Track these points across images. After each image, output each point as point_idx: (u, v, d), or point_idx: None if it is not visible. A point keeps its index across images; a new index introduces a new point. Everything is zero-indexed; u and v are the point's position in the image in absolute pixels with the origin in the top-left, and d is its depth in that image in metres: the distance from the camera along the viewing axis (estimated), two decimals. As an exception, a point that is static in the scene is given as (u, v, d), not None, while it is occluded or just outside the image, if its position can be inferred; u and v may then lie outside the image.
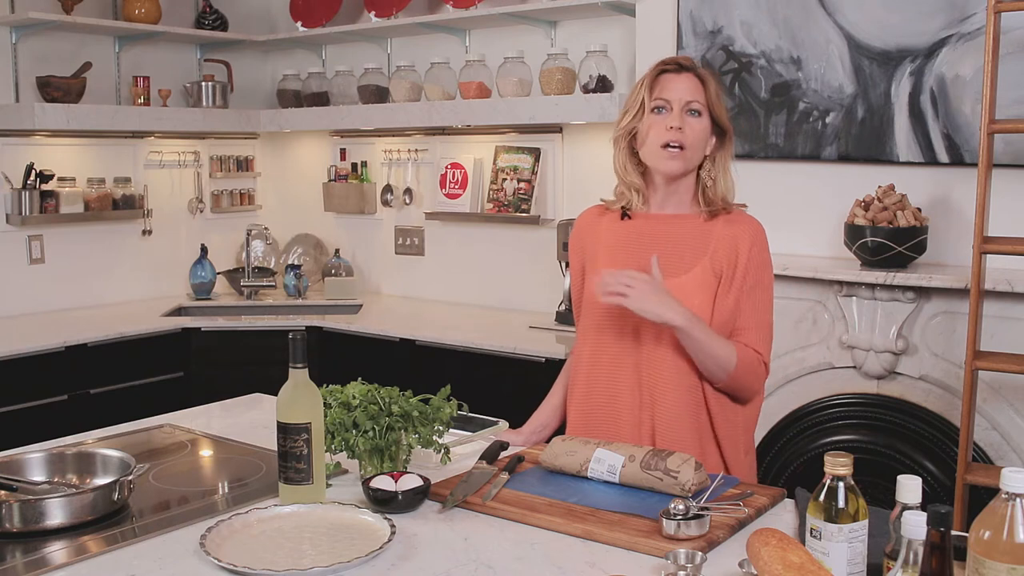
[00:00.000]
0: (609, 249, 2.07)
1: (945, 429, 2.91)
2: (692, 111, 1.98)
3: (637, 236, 2.05)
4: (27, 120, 3.87)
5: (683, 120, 1.97)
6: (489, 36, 4.16)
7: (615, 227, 2.09)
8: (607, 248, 2.07)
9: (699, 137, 1.99)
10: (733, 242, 1.99)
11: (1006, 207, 2.80)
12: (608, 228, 2.10)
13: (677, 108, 1.98)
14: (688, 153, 1.98)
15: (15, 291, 4.08)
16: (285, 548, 1.54)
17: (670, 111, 1.98)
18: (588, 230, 2.14)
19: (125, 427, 2.32)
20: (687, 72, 2.01)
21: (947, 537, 1.15)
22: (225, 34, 4.65)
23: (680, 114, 1.97)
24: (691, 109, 1.98)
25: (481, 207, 4.22)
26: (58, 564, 1.52)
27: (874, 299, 2.97)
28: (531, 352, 3.43)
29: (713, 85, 2.01)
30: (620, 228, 2.08)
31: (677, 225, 2.03)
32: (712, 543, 1.54)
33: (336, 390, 1.90)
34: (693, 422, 1.96)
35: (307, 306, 4.47)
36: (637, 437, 1.98)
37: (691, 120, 1.98)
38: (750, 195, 2.10)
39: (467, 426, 2.20)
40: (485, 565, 1.50)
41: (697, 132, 1.98)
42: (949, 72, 2.95)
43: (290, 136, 4.96)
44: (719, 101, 2.01)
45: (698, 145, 1.99)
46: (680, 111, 1.98)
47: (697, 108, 1.98)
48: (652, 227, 2.05)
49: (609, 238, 2.08)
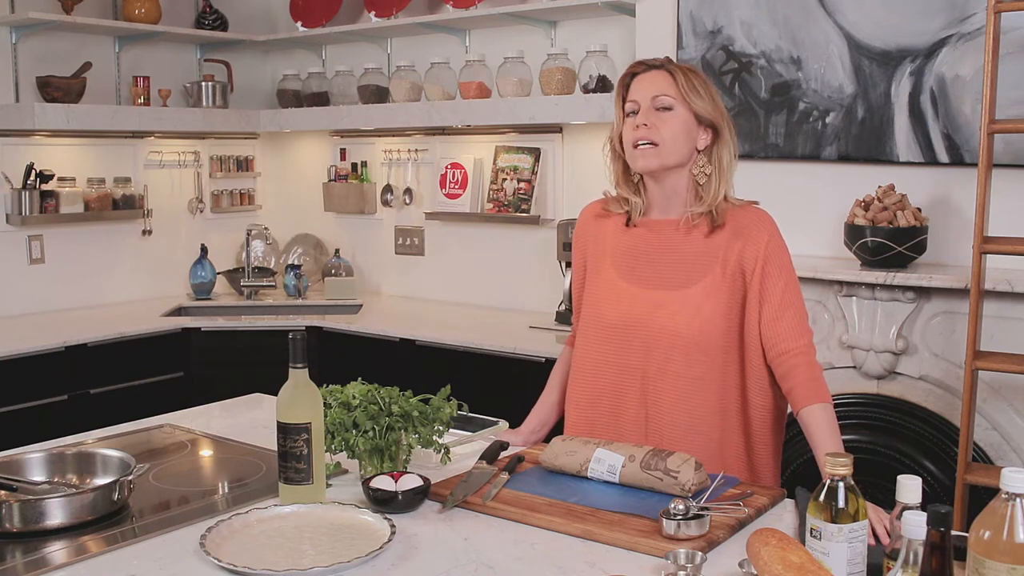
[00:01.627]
0: (615, 257, 2.03)
1: (945, 429, 2.91)
2: (662, 107, 1.93)
3: (645, 246, 2.00)
4: (27, 120, 3.87)
5: (651, 116, 1.93)
6: (489, 36, 4.16)
7: (621, 234, 2.04)
8: (613, 256, 2.03)
9: (674, 131, 1.93)
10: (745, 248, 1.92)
11: (1006, 207, 2.80)
12: (614, 234, 2.05)
13: (644, 106, 1.94)
14: (662, 149, 1.92)
15: (15, 291, 4.08)
16: (285, 548, 1.54)
17: (639, 111, 1.95)
18: (592, 230, 2.10)
19: (125, 427, 2.32)
20: (655, 69, 1.97)
21: (947, 537, 1.15)
22: (225, 34, 4.65)
23: (647, 111, 1.94)
24: (660, 105, 1.93)
25: (481, 207, 4.22)
26: (58, 564, 1.52)
27: (874, 299, 2.97)
28: (531, 352, 3.43)
29: (685, 77, 1.94)
30: (626, 236, 2.03)
31: (684, 236, 1.97)
32: (712, 543, 1.54)
33: (336, 390, 1.89)
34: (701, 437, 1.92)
35: (307, 306, 4.47)
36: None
37: (662, 115, 1.93)
38: (750, 195, 2.08)
39: (467, 426, 2.20)
40: (485, 565, 1.50)
41: (671, 126, 1.93)
42: (949, 72, 2.95)
43: (290, 136, 4.96)
44: (695, 91, 1.94)
45: (674, 139, 1.93)
46: (647, 108, 1.94)
47: (667, 103, 1.93)
48: (659, 237, 1.99)
49: (615, 245, 2.04)
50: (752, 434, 1.96)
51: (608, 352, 1.99)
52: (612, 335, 1.99)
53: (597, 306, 2.02)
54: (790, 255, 1.98)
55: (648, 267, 1.98)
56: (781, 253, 1.95)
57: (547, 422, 2.19)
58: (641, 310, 1.95)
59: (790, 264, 1.96)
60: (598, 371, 2.01)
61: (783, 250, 1.96)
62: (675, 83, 1.94)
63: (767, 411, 1.97)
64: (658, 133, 1.92)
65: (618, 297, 1.99)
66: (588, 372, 2.03)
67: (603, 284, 2.03)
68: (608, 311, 2.00)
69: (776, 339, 1.90)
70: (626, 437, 1.96)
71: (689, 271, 1.95)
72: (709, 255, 1.95)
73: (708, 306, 1.92)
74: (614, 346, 1.98)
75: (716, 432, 1.93)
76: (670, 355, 1.92)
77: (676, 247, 1.97)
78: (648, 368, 1.94)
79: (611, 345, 1.99)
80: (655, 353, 1.94)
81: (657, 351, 1.93)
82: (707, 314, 1.91)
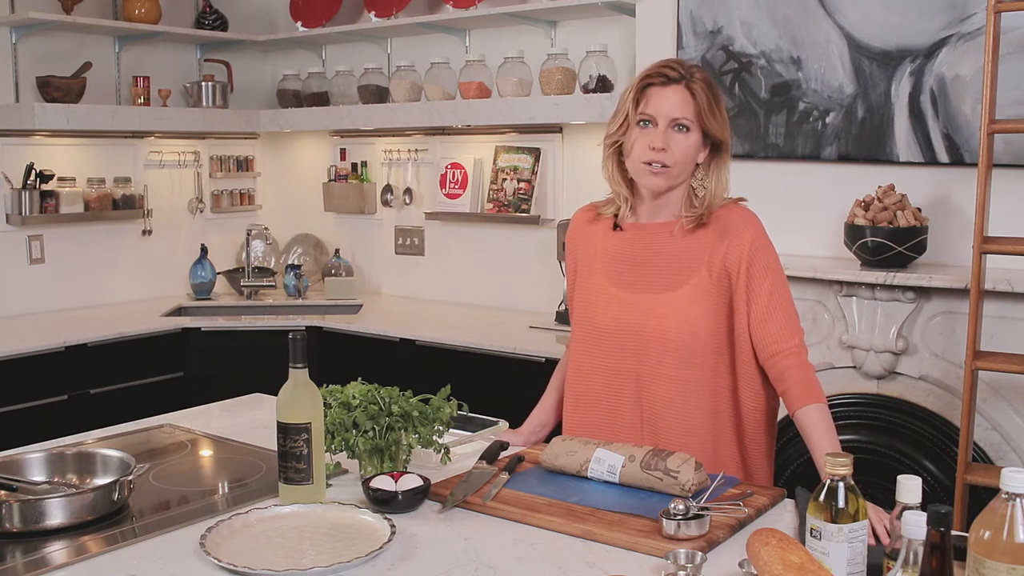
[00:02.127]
0: (604, 263, 2.03)
1: (945, 429, 2.91)
2: (679, 127, 1.90)
3: (632, 250, 2.00)
4: (27, 120, 3.87)
5: (667, 139, 1.89)
6: (489, 36, 4.16)
7: (609, 238, 2.04)
8: (602, 261, 2.03)
9: (686, 154, 1.91)
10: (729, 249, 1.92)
11: (1006, 207, 2.80)
12: (603, 238, 2.05)
13: (663, 125, 1.90)
14: (673, 171, 1.91)
15: (15, 291, 4.08)
16: (285, 548, 1.54)
17: (655, 127, 1.90)
18: (582, 235, 2.10)
19: (125, 427, 2.32)
20: (675, 84, 1.90)
21: (947, 537, 1.15)
22: (225, 34, 4.65)
23: (665, 132, 1.89)
24: (678, 125, 1.90)
25: (481, 207, 4.22)
26: (58, 564, 1.52)
27: (874, 299, 2.97)
28: (531, 352, 3.43)
29: (704, 96, 1.90)
30: (614, 240, 2.03)
31: (669, 238, 1.97)
32: (712, 543, 1.54)
33: (336, 390, 1.90)
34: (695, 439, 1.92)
35: (307, 306, 4.47)
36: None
37: (677, 137, 1.90)
38: (750, 195, 2.08)
39: (467, 426, 2.20)
40: (485, 565, 1.50)
41: (684, 148, 1.90)
42: (949, 72, 2.95)
43: (290, 136, 4.96)
44: (712, 113, 1.90)
45: (685, 161, 1.92)
46: (665, 128, 1.90)
47: (685, 124, 1.90)
48: (646, 241, 1.99)
49: (604, 250, 2.04)
50: (745, 434, 1.97)
51: (602, 357, 2.00)
52: (605, 340, 1.99)
53: (589, 311, 2.03)
54: (776, 254, 1.96)
55: (635, 271, 1.98)
56: (766, 252, 1.93)
57: (547, 423, 2.19)
58: (632, 315, 1.96)
59: (777, 263, 1.95)
60: (593, 376, 2.02)
61: (768, 249, 1.95)
62: (695, 104, 1.90)
63: (760, 412, 1.97)
64: (672, 156, 1.90)
65: (608, 302, 1.99)
66: (584, 377, 2.04)
67: (594, 289, 2.03)
68: (600, 316, 2.00)
69: (767, 340, 1.90)
70: (623, 440, 1.96)
71: (675, 274, 1.95)
72: (695, 257, 1.94)
73: (695, 308, 1.91)
74: (607, 351, 1.99)
75: (710, 434, 1.94)
76: (662, 358, 1.93)
77: (662, 250, 1.97)
78: (641, 372, 1.95)
79: (604, 350, 1.99)
80: (647, 357, 1.94)
81: (649, 355, 1.94)
82: (695, 316, 1.91)
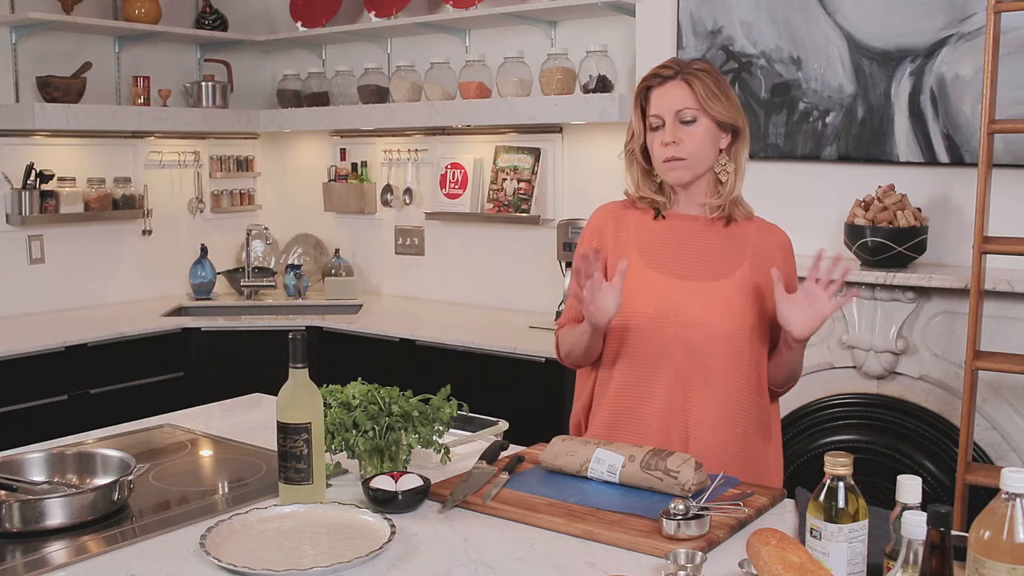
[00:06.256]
0: (642, 247, 2.02)
1: (945, 429, 2.91)
2: (685, 120, 1.94)
3: (676, 237, 2.01)
4: (27, 120, 3.87)
5: (676, 132, 1.93)
6: (489, 36, 4.16)
7: (649, 225, 2.04)
8: (640, 246, 2.02)
9: (699, 143, 1.94)
10: (767, 250, 1.98)
11: (1006, 207, 2.80)
12: (639, 224, 2.04)
13: (669, 121, 1.94)
14: (691, 162, 1.95)
15: (15, 291, 4.08)
16: (285, 548, 1.54)
17: (664, 125, 1.95)
18: (613, 220, 2.07)
19: (125, 427, 2.32)
20: (671, 80, 1.95)
21: (947, 537, 1.15)
22: (225, 34, 4.65)
23: (672, 127, 1.94)
24: (683, 119, 1.94)
25: (481, 207, 4.22)
26: (58, 564, 1.52)
27: (874, 299, 2.97)
28: (531, 352, 3.43)
29: (702, 84, 1.93)
30: (655, 227, 2.03)
31: (713, 229, 2.00)
32: (712, 543, 1.54)
33: (336, 390, 1.90)
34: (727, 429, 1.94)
35: (307, 306, 4.47)
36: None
37: (687, 129, 1.94)
38: (750, 195, 2.09)
39: (467, 426, 2.21)
40: (485, 565, 1.50)
41: (696, 138, 1.94)
42: (949, 72, 2.95)
43: (290, 136, 4.97)
44: (715, 98, 1.93)
45: (701, 151, 1.95)
46: (672, 124, 1.94)
47: (689, 115, 1.93)
48: (690, 230, 2.01)
49: (642, 236, 2.03)
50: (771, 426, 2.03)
51: (639, 340, 1.97)
52: (645, 323, 1.96)
53: (628, 294, 1.97)
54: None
55: (678, 258, 1.99)
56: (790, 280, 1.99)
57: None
58: (675, 299, 1.95)
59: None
60: (629, 360, 1.98)
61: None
62: (693, 93, 1.93)
63: (775, 407, 2.05)
64: (685, 148, 1.94)
65: (651, 285, 1.98)
66: (620, 359, 2.00)
67: (632, 273, 1.98)
68: (640, 300, 1.97)
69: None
70: (650, 425, 1.95)
71: (719, 264, 1.98)
72: (737, 248, 1.99)
73: (739, 300, 1.94)
74: (644, 334, 1.96)
75: (740, 425, 1.95)
76: (703, 345, 1.93)
77: (706, 240, 2.00)
78: (679, 358, 1.94)
79: (640, 333, 1.97)
80: (688, 342, 1.93)
81: (690, 341, 1.93)
82: (738, 307, 1.94)
